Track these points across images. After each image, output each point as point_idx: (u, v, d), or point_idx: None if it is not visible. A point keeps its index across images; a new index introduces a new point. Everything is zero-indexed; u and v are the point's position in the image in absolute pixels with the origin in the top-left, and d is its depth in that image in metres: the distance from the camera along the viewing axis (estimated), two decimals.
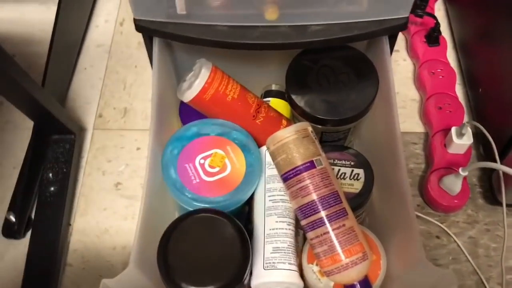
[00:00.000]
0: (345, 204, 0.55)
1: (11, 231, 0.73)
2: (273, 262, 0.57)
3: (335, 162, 0.63)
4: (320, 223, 0.53)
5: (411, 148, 0.82)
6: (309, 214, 0.54)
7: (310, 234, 0.54)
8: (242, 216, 0.64)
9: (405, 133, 0.83)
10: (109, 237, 0.75)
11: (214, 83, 0.63)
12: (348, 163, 0.63)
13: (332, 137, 0.69)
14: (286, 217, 0.59)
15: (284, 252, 0.57)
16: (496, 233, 0.74)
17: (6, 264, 0.73)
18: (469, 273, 0.71)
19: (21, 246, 0.73)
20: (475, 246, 0.73)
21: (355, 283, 0.53)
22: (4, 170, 0.80)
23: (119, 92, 0.88)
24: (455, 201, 0.74)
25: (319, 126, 0.66)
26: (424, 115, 0.83)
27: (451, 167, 0.76)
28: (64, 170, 0.76)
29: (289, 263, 0.57)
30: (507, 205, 0.71)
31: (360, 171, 0.63)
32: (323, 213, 0.53)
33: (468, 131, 0.74)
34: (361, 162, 0.63)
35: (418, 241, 0.54)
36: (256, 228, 0.60)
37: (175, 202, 0.61)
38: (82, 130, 0.83)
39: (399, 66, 0.91)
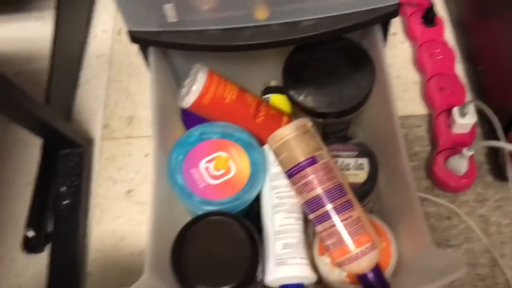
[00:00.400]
0: (350, 196, 0.55)
1: (31, 246, 0.76)
2: (285, 258, 0.58)
3: (338, 153, 0.64)
4: (327, 216, 0.54)
5: (415, 131, 0.82)
6: (315, 208, 0.55)
7: (318, 228, 0.55)
8: (252, 215, 0.65)
9: (409, 116, 0.83)
10: (126, 244, 0.77)
11: (211, 87, 0.64)
12: (351, 153, 0.63)
13: (335, 128, 0.70)
14: (294, 212, 0.60)
15: (295, 247, 0.58)
16: (507, 209, 0.74)
17: (29, 279, 0.75)
18: (482, 252, 0.72)
19: (41, 261, 0.76)
20: (486, 224, 0.73)
21: (366, 272, 0.54)
22: (18, 187, 0.82)
23: (122, 100, 0.90)
24: (463, 180, 0.74)
25: (320, 120, 0.66)
26: (426, 97, 0.83)
27: (456, 147, 0.76)
28: (76, 182, 0.78)
29: (300, 258, 0.58)
30: None
31: (364, 160, 0.63)
32: (329, 206, 0.54)
33: (471, 110, 0.74)
34: (364, 151, 0.64)
35: (423, 225, 0.54)
36: (266, 225, 0.61)
37: (185, 207, 0.62)
38: (89, 142, 0.85)
39: (398, 49, 0.90)
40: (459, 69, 0.85)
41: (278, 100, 0.74)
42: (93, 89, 0.92)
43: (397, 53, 0.90)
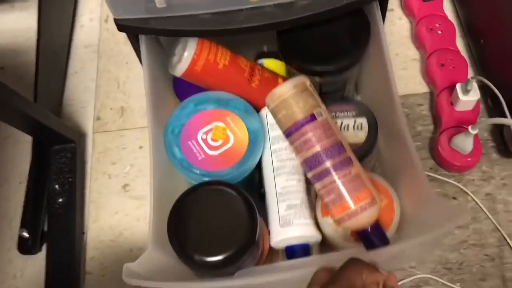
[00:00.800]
0: (349, 153, 0.55)
1: (27, 247, 0.73)
2: (289, 219, 0.58)
3: (337, 114, 0.64)
4: (326, 173, 0.54)
5: (417, 110, 0.80)
6: (314, 166, 0.55)
7: (317, 185, 0.55)
8: (254, 182, 0.65)
9: (409, 95, 0.81)
10: (125, 239, 0.75)
11: (203, 53, 0.62)
12: (350, 113, 0.64)
13: (331, 88, 0.68)
14: (296, 174, 0.60)
15: (298, 208, 0.59)
16: None
17: (27, 280, 0.73)
18: (490, 231, 0.70)
19: (38, 261, 0.73)
20: (493, 203, 0.72)
21: (366, 228, 0.54)
22: (11, 186, 0.80)
23: (113, 91, 0.87)
24: (468, 159, 0.72)
25: (317, 78, 0.65)
26: (427, 74, 0.81)
27: (460, 125, 0.73)
28: (70, 179, 0.76)
29: (304, 218, 0.58)
30: None
31: (363, 120, 0.63)
32: (328, 163, 0.54)
33: (474, 86, 0.71)
34: (362, 110, 0.63)
35: (423, 177, 0.54)
36: (268, 189, 0.61)
37: (186, 179, 0.61)
38: (81, 136, 0.82)
39: (395, 25, 0.87)
40: (460, 44, 0.83)
41: (272, 65, 0.72)
42: (82, 81, 0.89)
43: (395, 29, 0.87)
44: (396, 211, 0.58)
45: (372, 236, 0.54)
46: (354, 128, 0.63)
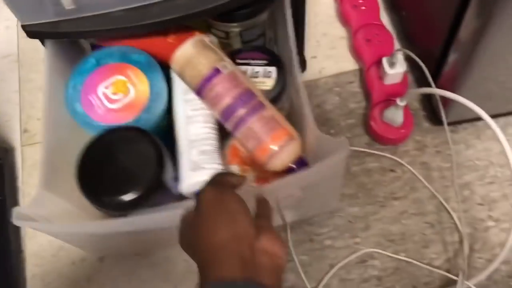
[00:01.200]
0: (260, 98, 0.58)
1: None
2: (200, 163, 0.61)
3: (249, 61, 0.65)
4: (241, 121, 0.57)
5: (348, 88, 0.80)
6: (229, 116, 0.57)
7: (236, 134, 0.58)
8: (165, 132, 0.65)
9: (340, 73, 0.81)
10: (65, 253, 0.72)
11: None
12: (261, 62, 0.65)
13: (251, 34, 0.69)
14: (209, 122, 0.62)
15: (210, 154, 0.61)
16: (446, 152, 0.74)
17: None
18: (428, 198, 0.71)
19: None
20: (428, 171, 0.73)
21: (291, 165, 0.56)
22: None
23: (38, 101, 0.83)
24: (402, 131, 0.73)
25: (235, 25, 0.66)
26: (355, 50, 0.81)
27: (391, 98, 0.74)
28: (0, 198, 0.72)
29: (216, 163, 0.61)
30: (450, 123, 0.71)
31: (273, 69, 0.64)
32: (241, 111, 0.56)
33: (400, 59, 0.72)
34: (274, 60, 0.65)
35: (310, 118, 0.57)
36: (179, 136, 0.63)
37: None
38: (8, 151, 0.78)
39: (321, 5, 0.87)
40: (385, 18, 0.84)
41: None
42: (4, 93, 0.84)
43: (321, 9, 0.87)
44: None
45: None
46: (263, 76, 0.64)
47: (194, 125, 0.62)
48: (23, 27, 0.60)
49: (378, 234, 0.69)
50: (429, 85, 0.68)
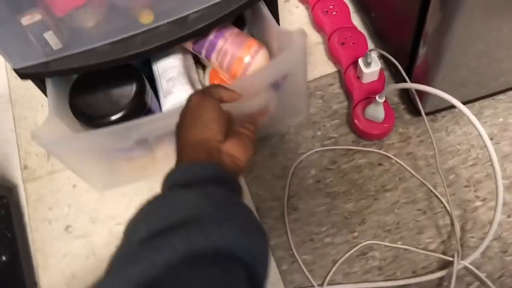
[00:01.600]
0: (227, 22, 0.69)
1: None
2: (169, 89, 0.71)
3: None
4: (213, 43, 0.69)
5: (329, 90, 0.84)
6: (203, 44, 0.70)
7: (213, 56, 0.70)
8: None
9: (320, 78, 0.85)
10: (79, 281, 0.75)
11: None
12: None
13: None
14: (171, 54, 0.72)
15: (176, 79, 0.71)
16: (429, 141, 0.77)
17: None
18: (417, 187, 0.75)
19: None
20: (415, 160, 0.77)
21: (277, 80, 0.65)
22: None
23: None
24: (385, 125, 0.77)
25: None
26: (331, 54, 0.85)
27: (370, 96, 0.78)
28: (9, 235, 0.74)
29: (181, 85, 0.71)
30: (429, 113, 0.75)
31: None
32: (211, 35, 0.69)
33: (374, 58, 0.76)
34: None
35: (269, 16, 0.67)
36: (155, 74, 0.74)
37: None
38: (12, 189, 0.81)
39: (294, 14, 0.91)
40: (356, 20, 0.87)
41: None
42: (1, 133, 0.87)
43: (294, 18, 0.91)
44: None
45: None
46: None
47: (164, 60, 0.73)
48: (16, 70, 0.63)
49: (374, 226, 0.73)
50: (404, 80, 0.72)
